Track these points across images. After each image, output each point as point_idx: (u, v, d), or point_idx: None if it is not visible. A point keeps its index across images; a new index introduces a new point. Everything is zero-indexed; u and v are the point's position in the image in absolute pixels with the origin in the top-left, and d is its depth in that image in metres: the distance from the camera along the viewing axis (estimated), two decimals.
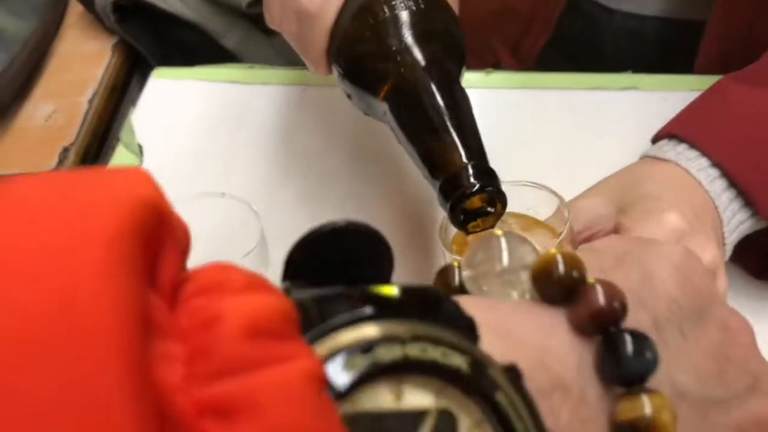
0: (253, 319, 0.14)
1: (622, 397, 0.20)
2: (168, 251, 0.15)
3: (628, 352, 0.19)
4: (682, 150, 0.45)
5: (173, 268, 0.15)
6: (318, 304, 0.17)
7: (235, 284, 0.15)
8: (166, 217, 0.15)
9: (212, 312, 0.14)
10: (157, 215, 0.15)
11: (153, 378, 0.13)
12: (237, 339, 0.14)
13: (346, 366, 0.16)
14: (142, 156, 0.59)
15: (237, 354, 0.14)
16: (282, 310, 0.15)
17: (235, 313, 0.14)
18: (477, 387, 0.17)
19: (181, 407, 0.13)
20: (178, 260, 0.15)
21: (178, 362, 0.14)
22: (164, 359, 0.14)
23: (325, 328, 0.16)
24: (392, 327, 0.17)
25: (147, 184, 0.15)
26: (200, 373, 0.14)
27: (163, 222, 0.15)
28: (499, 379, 0.17)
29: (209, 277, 0.15)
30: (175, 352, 0.14)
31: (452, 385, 0.17)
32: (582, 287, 0.21)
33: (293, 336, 0.15)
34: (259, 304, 0.15)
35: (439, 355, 0.17)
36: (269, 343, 0.14)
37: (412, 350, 0.16)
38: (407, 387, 0.17)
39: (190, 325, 0.14)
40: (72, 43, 0.86)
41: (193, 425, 0.13)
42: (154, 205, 0.15)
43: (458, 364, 0.17)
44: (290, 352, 0.14)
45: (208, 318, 0.14)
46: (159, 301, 0.15)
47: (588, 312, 0.20)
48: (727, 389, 0.22)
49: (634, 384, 0.20)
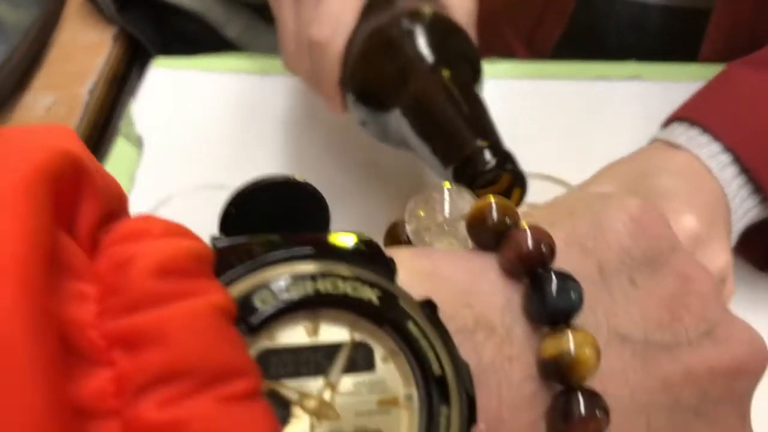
0: (164, 259, 0.15)
1: (547, 335, 0.20)
2: (86, 202, 0.16)
3: (552, 291, 0.20)
4: (693, 135, 0.45)
5: (91, 218, 0.16)
6: (236, 249, 0.18)
7: (154, 232, 0.16)
8: (86, 171, 0.16)
9: (126, 255, 0.15)
10: (75, 167, 0.15)
11: (63, 315, 0.14)
12: (147, 277, 0.15)
13: (258, 302, 0.17)
14: (142, 147, 0.58)
15: (146, 290, 0.14)
16: (195, 251, 0.16)
17: (147, 254, 0.15)
18: (387, 318, 0.18)
19: (91, 341, 0.14)
20: (97, 212, 0.16)
21: (91, 301, 0.14)
22: (77, 299, 0.14)
23: (240, 270, 0.17)
24: (304, 266, 0.18)
25: (68, 139, 0.16)
26: (111, 309, 0.14)
27: (81, 174, 0.16)
28: (412, 311, 0.18)
29: (129, 227, 0.16)
30: (88, 292, 0.15)
31: (365, 317, 0.18)
32: (512, 231, 0.21)
33: (204, 275, 0.16)
34: (172, 246, 0.15)
35: (350, 289, 0.17)
36: (179, 281, 0.15)
37: (323, 285, 0.17)
38: (323, 322, 0.17)
39: (105, 268, 0.15)
40: (72, 33, 0.86)
41: (103, 357, 0.14)
42: (71, 157, 0.15)
43: (368, 297, 0.18)
44: (199, 288, 0.15)
45: (122, 260, 0.15)
46: (75, 246, 0.15)
47: (515, 254, 0.20)
48: (677, 336, 0.22)
49: (559, 323, 0.20)
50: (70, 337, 0.14)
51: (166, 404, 0.14)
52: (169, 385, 0.14)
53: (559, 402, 0.19)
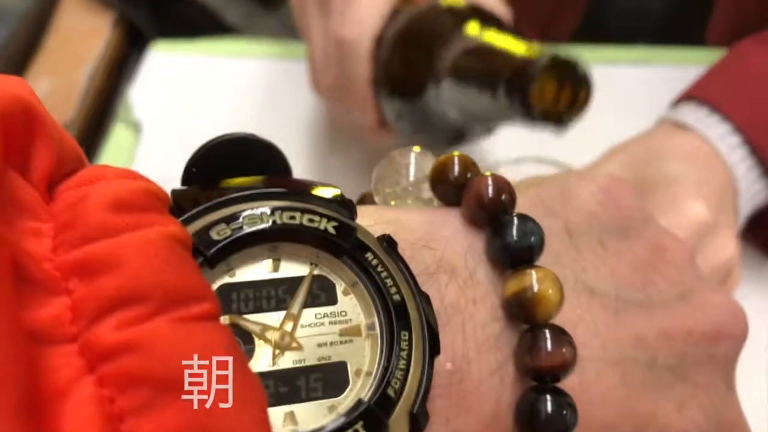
0: (118, 194, 0.15)
1: (510, 276, 0.20)
2: (39, 147, 0.16)
3: (512, 232, 0.20)
4: (702, 115, 0.44)
5: (46, 163, 0.16)
6: (193, 194, 0.18)
7: (108, 175, 0.16)
8: (39, 118, 0.16)
9: (81, 194, 0.15)
10: (26, 112, 0.16)
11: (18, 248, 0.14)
12: (101, 210, 0.15)
13: (214, 234, 0.17)
14: (140, 132, 0.58)
15: (101, 222, 0.15)
16: (150, 190, 0.16)
17: (101, 191, 0.15)
18: (345, 249, 0.18)
19: (47, 272, 0.14)
20: (52, 159, 0.16)
21: (46, 237, 0.15)
22: (32, 235, 0.14)
23: (198, 210, 0.17)
24: (262, 203, 0.18)
25: (19, 87, 0.16)
26: (66, 242, 0.15)
27: (33, 120, 0.16)
28: (369, 242, 0.18)
29: (85, 173, 0.16)
30: (44, 229, 0.15)
31: (322, 248, 0.18)
32: (472, 179, 0.21)
33: (159, 210, 0.16)
34: (126, 185, 0.16)
35: (306, 221, 0.18)
36: (133, 214, 0.15)
37: (279, 218, 0.17)
38: (284, 257, 0.18)
39: (60, 208, 0.15)
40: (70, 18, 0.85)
41: (59, 286, 0.14)
42: (22, 102, 0.15)
43: (325, 227, 0.18)
44: (154, 220, 0.15)
45: (77, 198, 0.15)
46: (30, 188, 0.15)
47: (476, 201, 0.20)
48: (651, 297, 0.22)
49: (521, 264, 0.20)
50: (26, 269, 0.14)
51: (123, 326, 0.14)
52: (125, 309, 0.14)
53: (525, 338, 0.19)
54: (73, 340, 0.14)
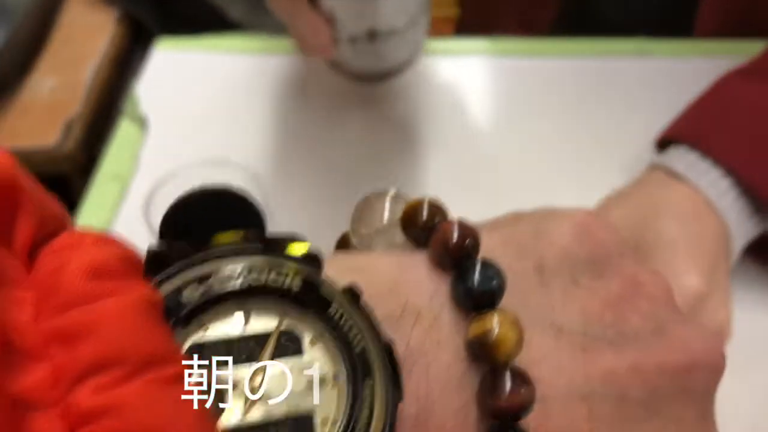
0: (94, 262, 0.16)
1: (473, 319, 0.21)
2: (22, 217, 0.17)
3: (475, 277, 0.21)
4: (693, 160, 0.44)
5: (28, 233, 0.17)
6: (167, 253, 0.19)
7: (86, 241, 0.17)
8: (21, 189, 0.17)
9: (60, 262, 0.16)
10: (9, 186, 0.16)
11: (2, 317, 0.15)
12: (79, 278, 0.16)
13: (186, 295, 0.18)
14: (146, 127, 0.59)
15: (78, 290, 0.15)
16: (124, 256, 0.17)
17: (79, 259, 0.16)
18: (310, 303, 0.19)
19: (29, 340, 0.15)
20: (34, 229, 0.17)
21: (27, 305, 0.15)
22: (14, 304, 0.15)
23: (171, 270, 0.18)
24: (235, 261, 0.19)
25: (3, 158, 0.17)
26: (47, 310, 0.15)
27: (16, 192, 0.17)
28: (334, 297, 0.19)
29: (63, 240, 0.17)
30: (25, 297, 0.16)
31: (290, 305, 0.19)
32: (439, 224, 0.22)
33: (134, 275, 0.17)
34: (102, 252, 0.17)
35: (272, 280, 0.19)
36: (108, 281, 0.16)
37: (247, 278, 0.19)
38: (253, 312, 0.19)
39: (41, 276, 0.16)
40: (75, 15, 0.86)
41: (40, 352, 0.15)
42: (5, 176, 0.16)
43: (289, 286, 0.19)
44: (128, 286, 0.16)
45: (56, 267, 0.16)
46: (11, 258, 0.16)
47: (442, 245, 0.21)
48: (623, 333, 0.22)
49: (484, 307, 0.21)
50: (8, 338, 0.14)
51: (100, 391, 0.14)
52: (101, 374, 0.15)
53: (486, 380, 0.20)
54: (55, 404, 0.14)
